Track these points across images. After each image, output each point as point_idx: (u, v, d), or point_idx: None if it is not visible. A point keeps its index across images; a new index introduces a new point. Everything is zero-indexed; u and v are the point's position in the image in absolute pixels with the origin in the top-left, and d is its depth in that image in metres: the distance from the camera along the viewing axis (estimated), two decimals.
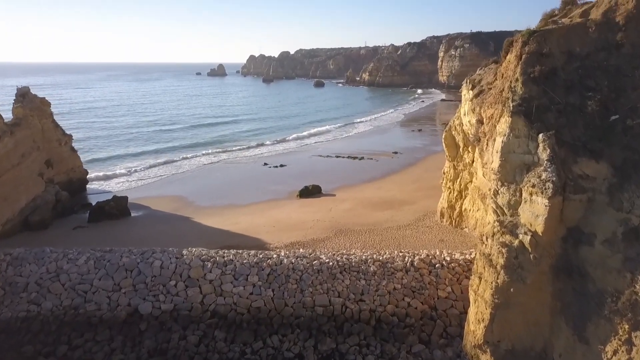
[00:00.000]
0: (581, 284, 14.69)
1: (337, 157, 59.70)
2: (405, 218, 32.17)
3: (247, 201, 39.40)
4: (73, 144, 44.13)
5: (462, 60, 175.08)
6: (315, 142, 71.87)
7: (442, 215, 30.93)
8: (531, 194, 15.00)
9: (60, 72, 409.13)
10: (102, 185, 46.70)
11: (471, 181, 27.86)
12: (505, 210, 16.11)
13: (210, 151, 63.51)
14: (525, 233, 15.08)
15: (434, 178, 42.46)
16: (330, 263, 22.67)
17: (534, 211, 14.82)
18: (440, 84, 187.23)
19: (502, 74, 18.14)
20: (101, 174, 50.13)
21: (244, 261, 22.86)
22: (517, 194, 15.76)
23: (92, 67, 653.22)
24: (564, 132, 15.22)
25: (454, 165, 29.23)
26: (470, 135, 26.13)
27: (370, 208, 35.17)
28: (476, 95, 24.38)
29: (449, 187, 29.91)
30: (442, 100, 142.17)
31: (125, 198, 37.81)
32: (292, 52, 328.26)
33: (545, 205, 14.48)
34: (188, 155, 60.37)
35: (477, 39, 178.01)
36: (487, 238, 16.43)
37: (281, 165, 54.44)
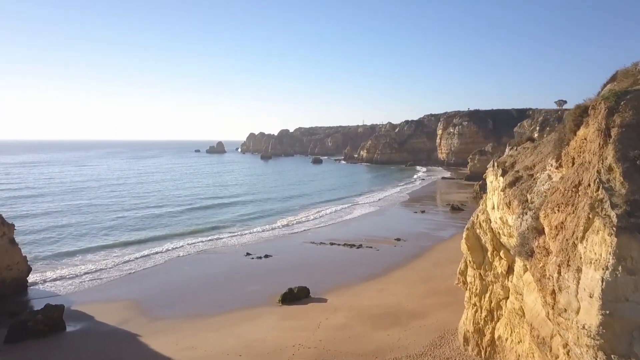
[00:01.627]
0: None
1: (332, 244, 52.28)
2: (416, 342, 24.17)
3: (214, 310, 31.43)
4: (37, 234, 36.89)
5: (461, 138, 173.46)
6: (311, 227, 64.16)
7: (466, 340, 23.00)
8: None
9: (60, 149, 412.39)
10: (49, 286, 38.71)
11: (506, 298, 20.40)
12: None
13: (188, 241, 55.17)
14: None
15: (446, 277, 35.01)
16: None
17: None
18: (440, 161, 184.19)
19: (573, 159, 11.52)
20: (53, 272, 42.05)
21: None
22: None
23: (93, 144, 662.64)
24: None
25: (480, 274, 21.88)
26: (504, 237, 19.15)
27: (370, 324, 27.22)
28: (511, 184, 17.81)
29: (475, 304, 22.31)
30: (443, 178, 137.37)
31: (61, 308, 30.00)
32: (291, 130, 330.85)
33: None
34: (163, 248, 51.19)
35: (475, 116, 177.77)
36: None
37: (266, 256, 46.81)
